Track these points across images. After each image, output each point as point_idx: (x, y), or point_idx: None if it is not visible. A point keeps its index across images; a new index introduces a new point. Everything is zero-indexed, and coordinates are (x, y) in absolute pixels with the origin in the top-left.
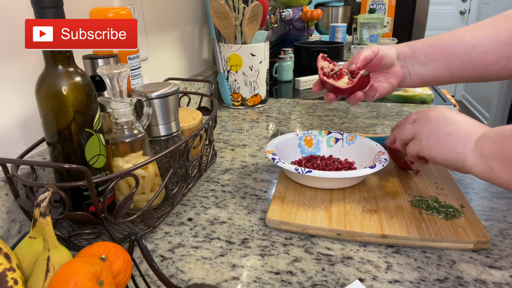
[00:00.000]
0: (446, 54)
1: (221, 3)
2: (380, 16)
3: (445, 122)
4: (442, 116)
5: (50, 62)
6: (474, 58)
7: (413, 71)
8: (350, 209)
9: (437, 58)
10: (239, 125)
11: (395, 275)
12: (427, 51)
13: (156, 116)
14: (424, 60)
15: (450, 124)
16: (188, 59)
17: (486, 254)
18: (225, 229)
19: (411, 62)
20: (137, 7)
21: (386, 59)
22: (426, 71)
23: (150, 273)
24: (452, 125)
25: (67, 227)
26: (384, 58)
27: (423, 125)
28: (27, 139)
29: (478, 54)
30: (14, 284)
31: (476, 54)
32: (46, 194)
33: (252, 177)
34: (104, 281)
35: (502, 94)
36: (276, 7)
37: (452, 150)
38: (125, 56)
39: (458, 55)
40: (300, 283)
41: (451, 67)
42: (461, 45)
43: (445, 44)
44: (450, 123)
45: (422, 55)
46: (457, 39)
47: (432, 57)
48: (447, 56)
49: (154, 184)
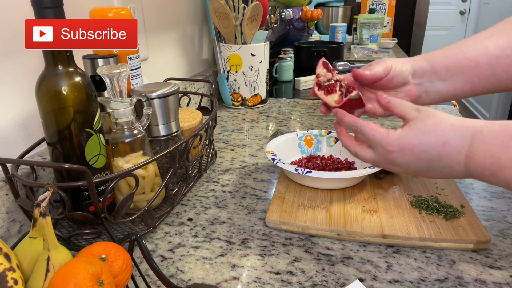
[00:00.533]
0: (470, 68)
1: (221, 3)
2: (380, 16)
3: (417, 173)
4: (408, 170)
5: (50, 62)
6: (499, 71)
7: (432, 88)
8: (350, 209)
9: (460, 72)
10: (239, 125)
11: (395, 275)
12: (449, 65)
13: (156, 116)
14: (445, 75)
15: (425, 172)
16: (188, 59)
17: (486, 254)
18: (225, 229)
19: (430, 79)
20: (137, 7)
21: (397, 79)
22: (447, 87)
23: (150, 273)
24: (428, 173)
25: (67, 227)
26: (394, 78)
27: (388, 165)
28: (27, 139)
29: (503, 66)
30: (14, 284)
31: (501, 67)
32: (46, 194)
33: (252, 177)
34: (104, 281)
35: (502, 94)
36: (276, 7)
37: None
38: (125, 56)
39: (482, 69)
40: (300, 283)
41: (475, 82)
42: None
43: (468, 56)
44: (424, 171)
45: (443, 69)
46: (480, 50)
47: (455, 72)
48: (471, 71)
49: (154, 184)
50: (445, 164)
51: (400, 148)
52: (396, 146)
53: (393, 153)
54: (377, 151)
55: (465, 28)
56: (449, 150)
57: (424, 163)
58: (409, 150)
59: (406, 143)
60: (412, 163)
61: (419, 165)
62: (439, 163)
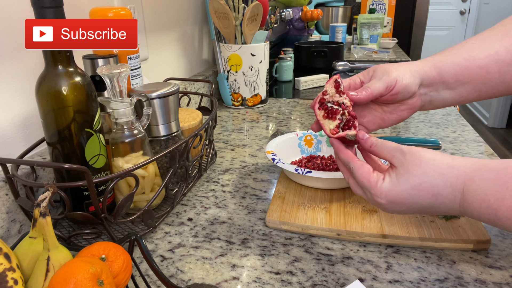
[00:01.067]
0: (479, 77)
1: (221, 3)
2: (380, 16)
3: (409, 211)
4: (399, 213)
5: (50, 62)
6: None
7: (437, 97)
8: (350, 209)
9: (469, 81)
10: (239, 125)
11: (395, 275)
12: (458, 73)
13: (156, 116)
14: (453, 84)
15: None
16: (188, 59)
17: (486, 254)
18: (225, 229)
19: (437, 88)
20: (137, 7)
21: (403, 94)
22: (452, 96)
23: (150, 273)
24: (423, 212)
25: (67, 227)
26: (400, 93)
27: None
28: (27, 139)
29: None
30: (14, 284)
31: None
32: (46, 194)
33: (252, 177)
34: (104, 281)
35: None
36: (276, 7)
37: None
38: (125, 56)
39: (492, 77)
40: (300, 283)
41: (482, 90)
42: (496, 65)
43: (478, 64)
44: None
45: (452, 78)
46: (491, 57)
47: (464, 81)
48: (480, 80)
49: (154, 184)
50: (439, 211)
51: (389, 201)
52: (384, 199)
53: (383, 204)
54: (366, 196)
55: (465, 28)
56: (441, 200)
57: (417, 210)
58: (399, 202)
59: (395, 197)
60: (405, 211)
61: (412, 211)
62: (432, 210)
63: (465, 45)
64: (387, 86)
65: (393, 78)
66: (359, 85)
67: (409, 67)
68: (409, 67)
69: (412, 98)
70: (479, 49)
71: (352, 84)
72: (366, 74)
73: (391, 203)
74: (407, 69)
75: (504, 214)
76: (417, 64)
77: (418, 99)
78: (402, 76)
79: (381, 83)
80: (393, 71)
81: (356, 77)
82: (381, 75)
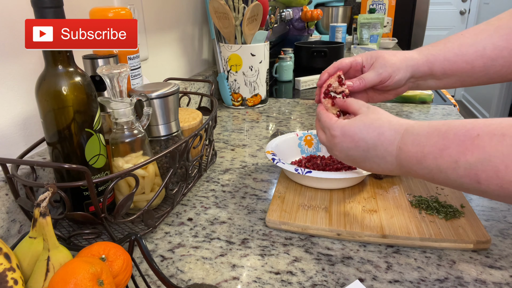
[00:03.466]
0: (464, 71)
1: (221, 3)
2: (380, 16)
3: (354, 161)
4: (346, 156)
5: (50, 62)
6: (491, 72)
7: (424, 84)
8: (350, 209)
9: (454, 74)
10: (239, 125)
11: (395, 275)
12: (446, 68)
13: (156, 116)
14: (440, 77)
15: (360, 162)
16: (188, 59)
17: (486, 254)
18: (225, 229)
19: (425, 78)
20: (137, 7)
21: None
22: (438, 84)
23: (150, 273)
24: (363, 163)
25: (67, 227)
26: (391, 86)
27: (333, 150)
28: (27, 139)
29: (496, 67)
30: (14, 284)
31: (494, 68)
32: (46, 194)
33: (252, 177)
34: (104, 281)
35: (502, 94)
36: (276, 7)
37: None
38: (125, 56)
39: (476, 71)
40: (300, 283)
41: (466, 81)
42: (481, 60)
43: (465, 60)
44: (359, 161)
45: (440, 72)
46: (479, 52)
47: (450, 74)
48: (464, 73)
49: (154, 184)
50: (379, 154)
51: (342, 134)
52: (339, 131)
53: (336, 138)
54: (326, 135)
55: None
56: (383, 140)
57: (361, 151)
58: (349, 136)
59: (348, 130)
60: (351, 150)
61: (357, 153)
62: (374, 152)
63: (460, 37)
64: (380, 80)
65: (388, 74)
66: (360, 66)
67: (405, 62)
68: (406, 62)
69: (400, 87)
70: (470, 44)
71: (354, 65)
72: (368, 58)
73: (343, 136)
74: (403, 64)
75: (428, 149)
76: (414, 58)
77: (406, 87)
78: (396, 72)
79: (376, 77)
80: (391, 66)
81: (360, 58)
82: (379, 68)
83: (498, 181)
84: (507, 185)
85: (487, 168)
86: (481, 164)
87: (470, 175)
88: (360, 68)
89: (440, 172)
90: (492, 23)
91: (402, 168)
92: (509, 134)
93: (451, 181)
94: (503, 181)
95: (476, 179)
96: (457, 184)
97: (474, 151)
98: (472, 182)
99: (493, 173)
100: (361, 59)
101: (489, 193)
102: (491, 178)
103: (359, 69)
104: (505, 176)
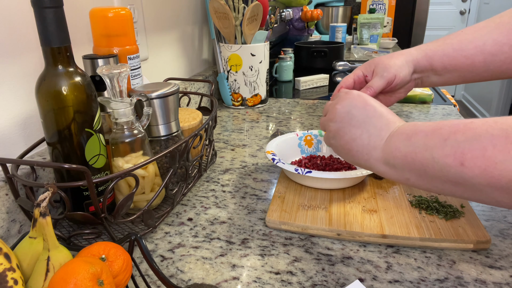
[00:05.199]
0: (465, 66)
1: (221, 3)
2: (380, 16)
3: (349, 123)
4: (347, 113)
5: (50, 62)
6: (492, 67)
7: (427, 80)
8: (350, 209)
9: (455, 70)
10: (239, 125)
11: (395, 275)
12: (446, 63)
13: (156, 116)
14: (441, 72)
15: (354, 126)
16: (188, 59)
17: (486, 254)
18: (225, 229)
19: (427, 74)
20: (137, 7)
21: (401, 84)
22: (440, 80)
23: (150, 273)
24: (357, 128)
25: (67, 227)
26: (398, 85)
27: (329, 122)
28: (27, 139)
29: (497, 63)
30: (14, 284)
31: (495, 63)
32: (46, 194)
33: (252, 177)
34: (104, 281)
35: (502, 94)
36: (276, 7)
37: (356, 157)
38: (125, 56)
39: (476, 67)
40: (300, 283)
41: (467, 76)
42: (481, 56)
43: (465, 55)
44: (354, 125)
45: (440, 67)
46: (478, 48)
47: (450, 69)
48: (465, 68)
49: (154, 184)
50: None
51: (358, 94)
52: (356, 92)
53: (350, 95)
54: (339, 96)
55: None
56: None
57: (365, 115)
58: (363, 99)
59: (364, 95)
60: (356, 109)
61: (359, 114)
62: (375, 121)
63: (460, 34)
64: (387, 82)
65: (392, 74)
66: (363, 78)
67: (405, 58)
68: (405, 58)
69: (407, 83)
70: (469, 40)
71: (357, 79)
72: (368, 67)
73: (359, 95)
74: (403, 61)
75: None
76: (412, 54)
77: (412, 83)
78: (399, 70)
79: (382, 81)
80: (392, 67)
81: (359, 71)
82: (382, 71)
83: (483, 162)
84: (491, 168)
85: (475, 147)
86: (469, 143)
87: (456, 153)
88: (364, 79)
89: (426, 150)
90: (493, 20)
91: (387, 146)
92: (501, 121)
93: (434, 162)
94: (488, 162)
95: (460, 159)
96: (438, 167)
97: (465, 132)
98: (455, 164)
99: (479, 152)
100: (361, 71)
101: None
102: (476, 158)
103: (363, 81)
104: (491, 157)
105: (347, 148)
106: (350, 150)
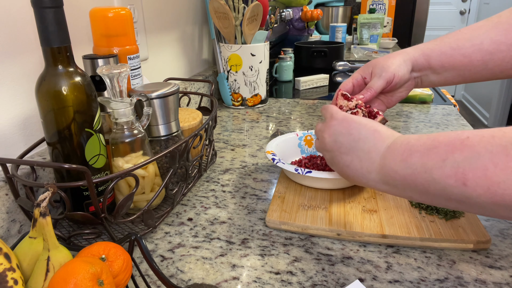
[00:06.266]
0: (463, 64)
1: (221, 3)
2: (380, 16)
3: (339, 151)
4: (334, 142)
5: (50, 62)
6: (491, 66)
7: (426, 79)
8: (350, 209)
9: (453, 68)
10: (239, 125)
11: (395, 275)
12: (444, 61)
13: (156, 116)
14: (439, 70)
15: (344, 153)
16: (188, 59)
17: (486, 254)
18: (225, 229)
19: (426, 73)
20: (137, 7)
21: (400, 83)
22: (439, 79)
23: (150, 273)
24: (347, 155)
25: (67, 227)
26: (398, 84)
27: (322, 150)
28: (27, 139)
29: (496, 61)
30: (14, 284)
31: (493, 62)
32: (46, 194)
33: (252, 177)
34: (104, 281)
35: (502, 94)
36: (276, 7)
37: (355, 181)
38: (125, 56)
39: (475, 65)
40: (300, 283)
41: (466, 75)
42: (479, 54)
43: (462, 53)
44: (343, 152)
45: (438, 65)
46: (476, 46)
47: (448, 67)
48: (463, 66)
49: (154, 184)
50: (366, 148)
51: (342, 119)
52: (341, 116)
53: (334, 121)
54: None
55: None
56: (377, 136)
57: (351, 140)
58: (347, 122)
59: (348, 117)
60: (342, 136)
61: (346, 140)
62: (363, 144)
63: (458, 33)
64: (387, 82)
65: (391, 73)
66: (361, 81)
67: (402, 57)
68: (403, 57)
69: (407, 82)
70: (467, 38)
71: (355, 83)
72: (366, 69)
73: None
74: (401, 60)
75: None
76: (409, 52)
77: (412, 81)
78: (398, 69)
79: (381, 81)
80: (390, 66)
81: (358, 74)
82: (380, 72)
83: (485, 182)
84: (494, 187)
85: (475, 167)
86: (469, 163)
87: (457, 174)
88: (363, 82)
89: (425, 171)
90: (491, 20)
91: (382, 169)
92: (498, 136)
93: (435, 183)
94: (491, 182)
95: (462, 180)
96: (440, 187)
97: (463, 150)
98: (458, 184)
99: (481, 172)
100: (359, 74)
101: (473, 199)
102: (479, 178)
103: (362, 83)
104: (493, 176)
105: (344, 173)
106: (348, 175)
